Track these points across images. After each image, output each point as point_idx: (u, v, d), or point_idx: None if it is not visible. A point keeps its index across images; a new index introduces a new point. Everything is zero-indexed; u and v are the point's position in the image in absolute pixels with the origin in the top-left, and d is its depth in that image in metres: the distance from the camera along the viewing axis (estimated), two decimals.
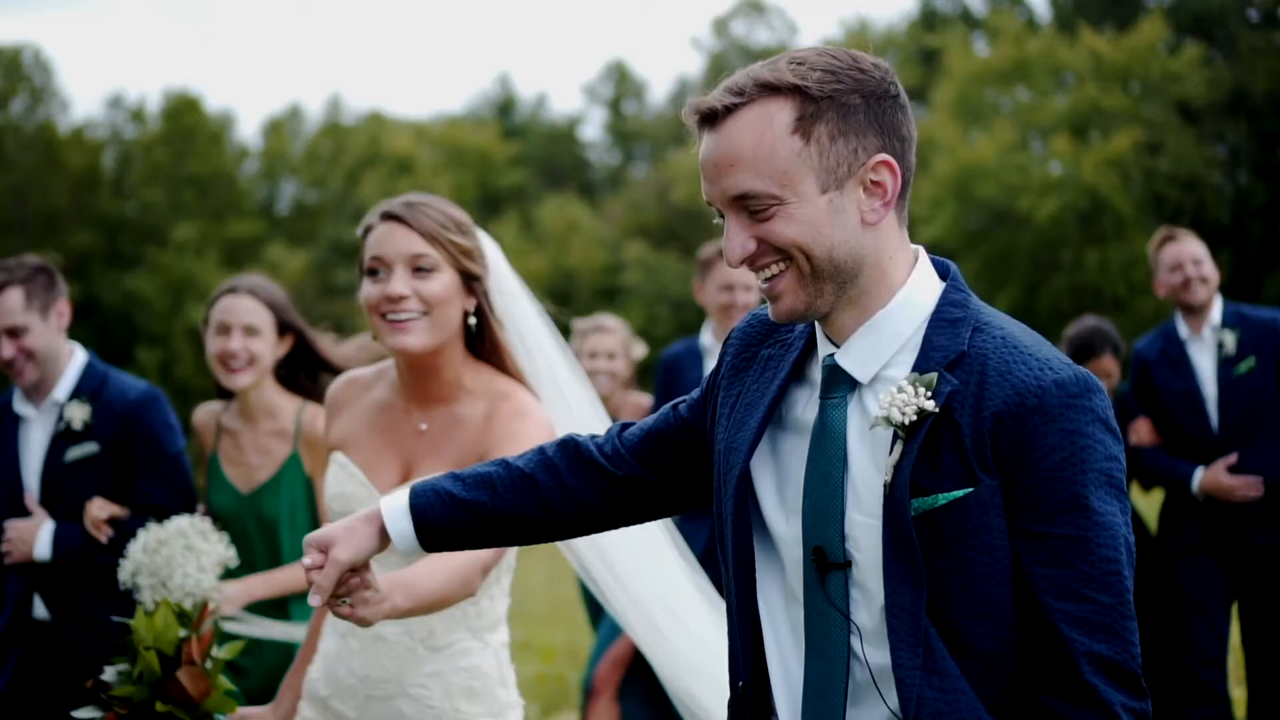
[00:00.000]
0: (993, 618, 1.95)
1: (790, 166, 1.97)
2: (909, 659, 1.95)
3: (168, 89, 43.73)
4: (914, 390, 1.94)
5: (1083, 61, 30.01)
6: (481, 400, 3.06)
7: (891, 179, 2.01)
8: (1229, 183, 30.38)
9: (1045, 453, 1.92)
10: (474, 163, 40.82)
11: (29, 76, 39.91)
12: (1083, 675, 1.91)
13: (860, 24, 39.21)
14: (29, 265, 4.47)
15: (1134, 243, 28.43)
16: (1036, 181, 29.46)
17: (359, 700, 3.09)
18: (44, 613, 4.47)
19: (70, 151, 38.64)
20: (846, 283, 2.02)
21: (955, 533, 1.94)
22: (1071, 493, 1.92)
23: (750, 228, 2.02)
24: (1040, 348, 2.00)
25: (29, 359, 4.43)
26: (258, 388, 4.42)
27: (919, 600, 1.94)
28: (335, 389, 3.27)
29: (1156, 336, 6.20)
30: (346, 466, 3.13)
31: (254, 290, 4.43)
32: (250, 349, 4.36)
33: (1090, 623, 1.91)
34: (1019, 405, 1.92)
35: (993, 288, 30.17)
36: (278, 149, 43.02)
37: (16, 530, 4.40)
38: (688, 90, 43.83)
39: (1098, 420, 1.94)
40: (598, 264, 35.86)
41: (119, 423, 4.46)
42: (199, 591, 3.77)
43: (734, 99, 2.00)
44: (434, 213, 3.04)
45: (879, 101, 2.01)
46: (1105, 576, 1.92)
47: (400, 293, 2.98)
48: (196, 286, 36.77)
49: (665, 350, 6.46)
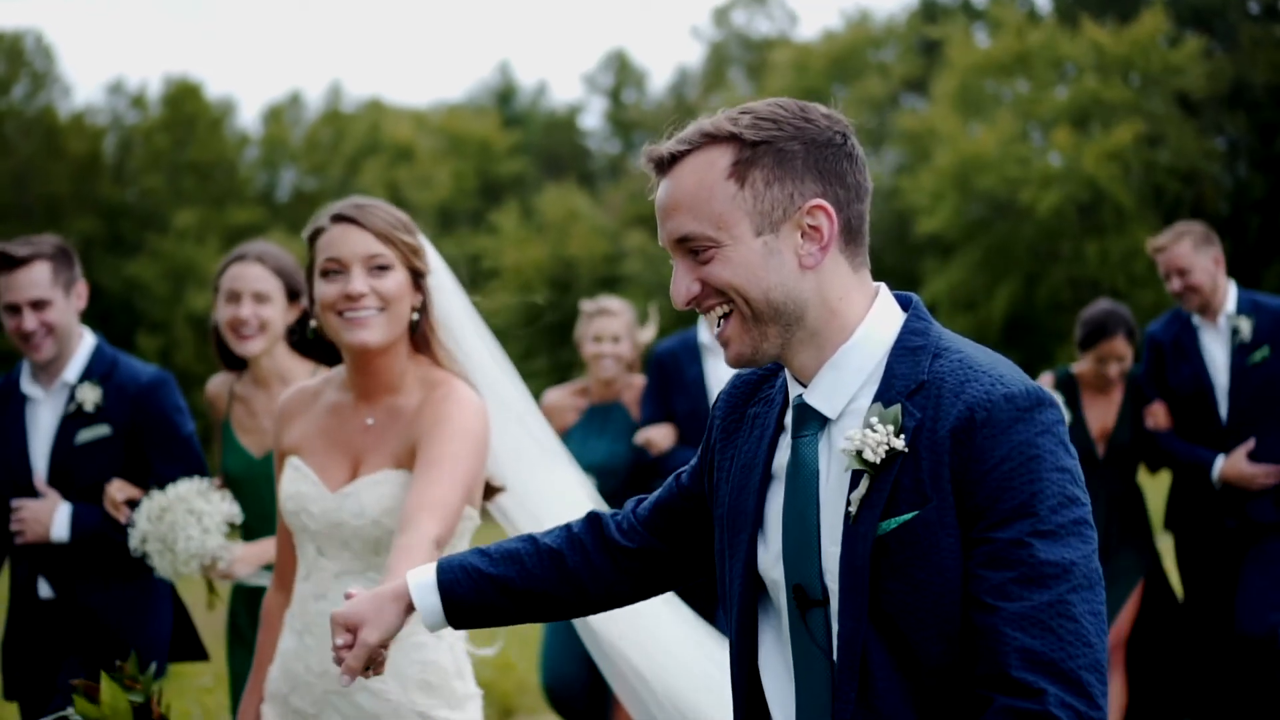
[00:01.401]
0: (951, 636, 1.98)
1: (725, 210, 2.06)
2: (845, 690, 2.00)
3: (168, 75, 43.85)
4: (885, 429, 1.99)
5: (1084, 53, 29.97)
6: (418, 390, 3.17)
7: (828, 223, 2.07)
8: (1228, 175, 30.37)
9: (995, 464, 1.96)
10: (474, 151, 40.75)
11: (30, 62, 39.87)
12: (1011, 670, 1.90)
13: (861, 15, 39.13)
14: (53, 243, 4.50)
15: (1134, 235, 28.43)
16: (1037, 173, 29.44)
17: (316, 695, 3.16)
18: (49, 592, 4.49)
19: (71, 137, 38.62)
20: (791, 325, 2.08)
21: (906, 555, 1.98)
22: (1019, 501, 1.95)
23: (694, 270, 2.10)
24: (996, 366, 2.05)
25: (49, 333, 4.43)
26: (269, 354, 4.45)
27: (859, 632, 1.99)
28: (286, 399, 3.38)
29: (1171, 320, 6.21)
30: (300, 469, 3.22)
31: (262, 257, 4.44)
32: (260, 315, 4.39)
33: (1024, 618, 1.91)
34: (970, 420, 1.97)
35: (993, 279, 30.18)
36: (278, 136, 42.98)
37: (30, 510, 4.41)
38: (688, 80, 43.80)
39: (1047, 432, 1.98)
40: (598, 253, 35.83)
41: (131, 405, 4.48)
42: (204, 553, 3.85)
43: (680, 147, 2.11)
44: (384, 214, 3.17)
45: (821, 149, 2.09)
46: (1044, 578, 1.92)
47: (360, 290, 3.09)
48: (197, 273, 36.77)
49: (659, 345, 6.45)
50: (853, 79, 36.80)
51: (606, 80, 45.46)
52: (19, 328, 4.43)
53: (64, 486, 4.46)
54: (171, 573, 3.92)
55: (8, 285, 4.42)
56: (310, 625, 3.17)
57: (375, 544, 3.12)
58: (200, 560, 3.85)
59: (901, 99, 36.47)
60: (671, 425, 6.12)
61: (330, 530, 3.15)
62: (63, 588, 4.47)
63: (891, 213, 33.52)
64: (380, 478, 3.12)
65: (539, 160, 42.53)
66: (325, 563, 3.18)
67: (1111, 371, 6.22)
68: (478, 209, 39.26)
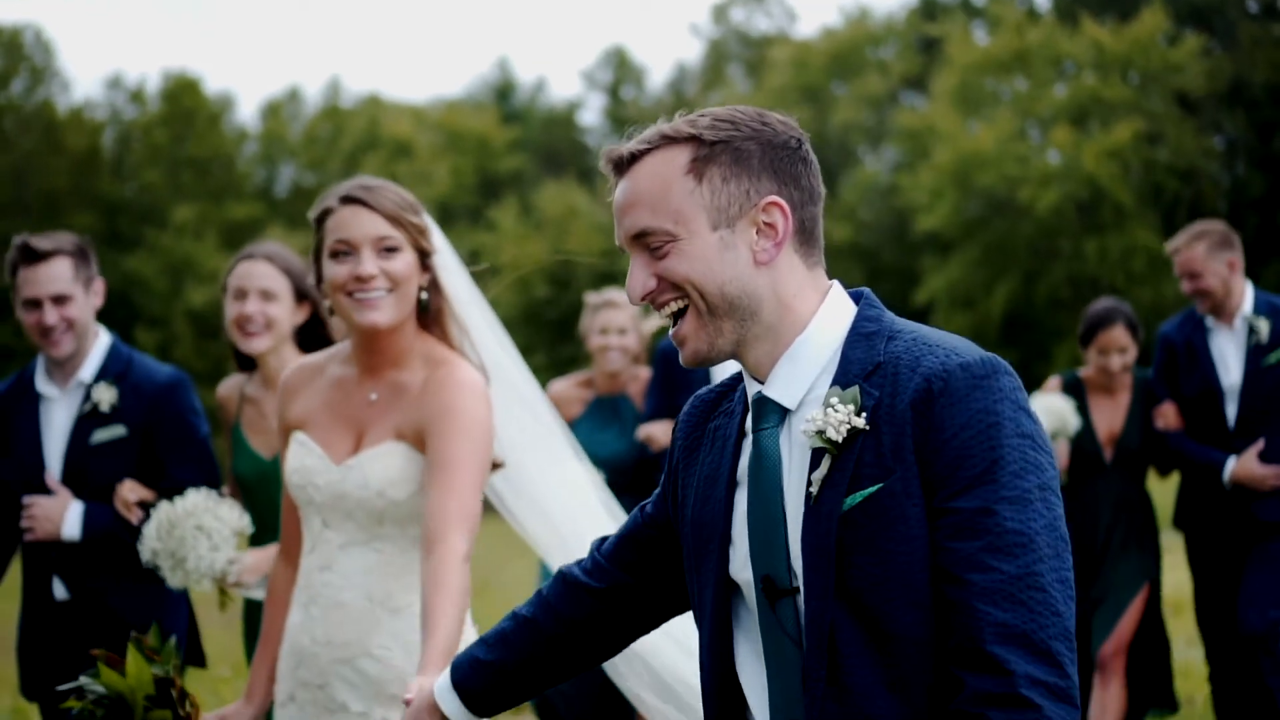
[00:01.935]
0: (920, 605, 1.99)
1: (683, 204, 2.10)
2: (815, 668, 2.02)
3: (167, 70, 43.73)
4: (846, 409, 2.02)
5: (1083, 52, 29.99)
6: (422, 368, 3.21)
7: (783, 220, 2.12)
8: (1226, 174, 30.40)
9: (954, 432, 1.98)
10: (473, 147, 40.74)
11: (29, 56, 39.84)
12: (984, 643, 1.92)
13: (860, 12, 39.09)
14: (75, 240, 4.46)
15: (1133, 233, 28.46)
16: (1036, 171, 29.46)
17: (322, 665, 3.19)
18: (63, 593, 4.46)
19: (70, 132, 38.59)
20: (746, 319, 2.12)
21: (873, 527, 1.99)
22: (980, 469, 1.97)
23: (650, 265, 2.14)
24: (949, 340, 2.08)
25: (69, 329, 4.39)
26: (277, 354, 4.38)
27: (824, 612, 2.01)
28: (289, 374, 3.40)
29: (1184, 321, 6.17)
30: (305, 443, 3.26)
31: (271, 256, 4.41)
32: (266, 313, 4.33)
33: (995, 592, 1.93)
34: (927, 391, 2.00)
35: (992, 277, 30.19)
36: (277, 131, 42.96)
37: (41, 507, 4.38)
38: (687, 77, 43.80)
39: (1007, 398, 2.00)
40: (597, 249, 35.82)
41: (148, 406, 4.44)
42: (214, 571, 3.81)
43: (640, 146, 2.15)
44: (392, 195, 3.19)
45: (777, 150, 2.13)
46: (1011, 547, 1.94)
47: (370, 272, 3.12)
48: (196, 268, 36.76)
49: (664, 340, 6.44)
50: (852, 76, 36.81)
51: (605, 77, 45.47)
52: (39, 322, 4.38)
53: (78, 486, 4.42)
54: (183, 586, 3.90)
55: (29, 279, 4.38)
56: (315, 596, 3.21)
57: (380, 515, 3.16)
58: (210, 577, 3.83)
59: (901, 96, 36.48)
60: (674, 421, 6.10)
61: (335, 502, 3.19)
62: (77, 588, 4.44)
63: (890, 210, 33.54)
64: (384, 449, 3.16)
65: (538, 157, 42.53)
66: (330, 534, 3.21)
67: (1114, 364, 6.21)
68: (477, 205, 39.25)
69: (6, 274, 4.48)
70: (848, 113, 36.14)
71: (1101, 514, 6.22)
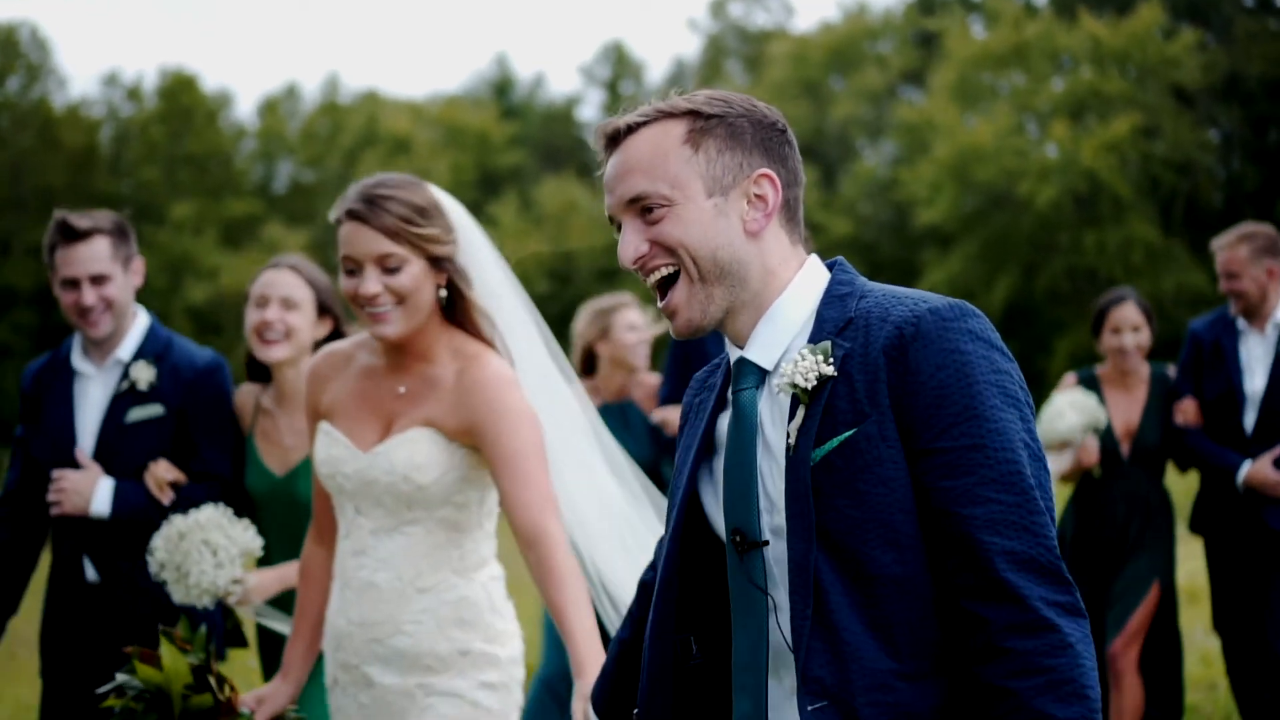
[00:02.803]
0: (897, 544, 2.05)
1: (680, 171, 2.19)
2: (800, 608, 2.08)
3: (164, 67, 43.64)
4: (814, 358, 2.10)
5: (1080, 46, 30.01)
6: (451, 360, 3.27)
7: (773, 192, 2.21)
8: (1222, 167, 30.42)
9: (930, 373, 2.05)
10: (472, 143, 40.73)
11: (26, 54, 39.80)
12: (998, 572, 1.99)
13: (858, 7, 39.12)
14: (113, 218, 4.39)
15: (1131, 225, 28.48)
16: (1034, 165, 29.48)
17: (358, 645, 3.30)
18: (94, 575, 4.39)
19: (67, 129, 38.55)
20: (735, 286, 2.20)
21: (850, 470, 2.06)
22: (961, 405, 2.04)
23: (644, 230, 2.22)
24: (919, 293, 2.16)
25: (108, 309, 4.34)
26: (294, 367, 4.29)
27: (808, 554, 2.07)
28: (316, 362, 3.45)
29: (1216, 320, 6.14)
30: (331, 433, 3.33)
31: (296, 267, 4.34)
32: (287, 321, 4.25)
33: (999, 521, 2.01)
34: (899, 337, 2.07)
35: (991, 270, 30.22)
36: (274, 128, 42.94)
37: (70, 481, 4.30)
38: (685, 72, 43.79)
39: (978, 338, 2.08)
40: (597, 244, 35.84)
41: (186, 388, 4.39)
42: (215, 589, 3.74)
43: (637, 119, 2.24)
44: (395, 206, 3.18)
45: (766, 130, 2.24)
46: (1006, 477, 2.02)
47: (373, 291, 3.17)
48: (194, 266, 36.74)
49: None
50: (850, 71, 36.83)
51: (604, 72, 45.48)
52: (77, 302, 4.33)
53: (110, 465, 4.35)
54: (184, 601, 3.80)
55: (67, 259, 4.31)
56: (350, 580, 3.30)
57: (407, 499, 3.24)
58: (212, 594, 3.75)
59: (899, 91, 36.49)
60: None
61: (363, 489, 3.27)
62: (107, 570, 4.38)
63: (890, 204, 33.55)
64: (410, 435, 3.23)
65: (537, 152, 42.52)
66: (362, 520, 3.30)
67: (1126, 341, 6.22)
68: (476, 201, 39.19)
69: (45, 254, 4.41)
70: (846, 107, 36.15)
71: (1118, 510, 6.21)
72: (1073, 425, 6.11)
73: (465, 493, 3.28)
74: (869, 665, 2.03)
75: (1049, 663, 1.96)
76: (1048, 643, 1.97)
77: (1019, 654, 1.97)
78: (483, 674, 3.30)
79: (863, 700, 2.02)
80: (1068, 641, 1.97)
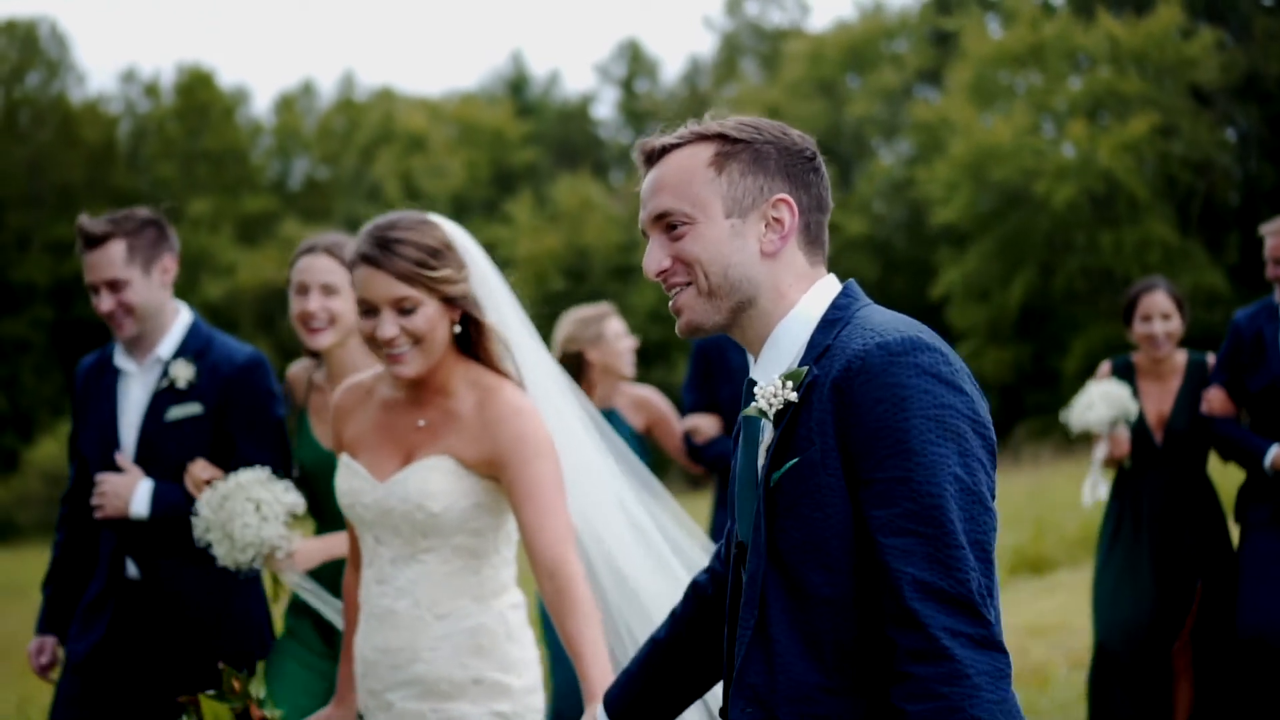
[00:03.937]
0: (829, 568, 2.18)
1: (703, 191, 2.33)
2: (746, 619, 2.25)
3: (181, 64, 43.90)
4: (782, 385, 2.23)
5: (1098, 45, 29.92)
6: (469, 392, 3.32)
7: (790, 216, 2.33)
8: (1239, 167, 30.30)
9: (870, 406, 2.14)
10: (487, 140, 40.78)
11: (44, 50, 40.00)
12: (906, 600, 2.08)
13: (875, 5, 39.06)
14: (137, 218, 4.35)
15: (1148, 226, 28.39)
16: (1051, 164, 29.41)
17: (381, 673, 3.35)
18: (135, 572, 4.39)
19: (85, 126, 38.74)
20: (743, 302, 2.34)
21: (795, 494, 2.20)
22: (894, 439, 2.12)
23: (667, 245, 2.36)
24: (891, 323, 2.23)
25: (128, 314, 4.32)
26: (343, 346, 4.32)
27: (760, 568, 2.23)
28: (340, 396, 3.50)
29: (1259, 311, 6.05)
30: (350, 465, 3.39)
31: (331, 249, 4.31)
32: (329, 308, 4.26)
33: (913, 552, 2.09)
34: (848, 371, 2.17)
35: (1008, 269, 30.16)
36: (290, 125, 43.07)
37: (111, 485, 4.31)
38: (700, 70, 43.78)
39: (924, 373, 2.14)
40: (612, 242, 35.87)
41: (225, 385, 4.38)
42: (261, 541, 3.77)
43: (673, 140, 2.39)
44: (408, 250, 3.21)
45: (792, 157, 2.36)
46: (927, 510, 2.09)
47: (390, 335, 3.22)
48: (210, 261, 36.86)
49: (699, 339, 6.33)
50: (866, 70, 36.77)
51: (619, 70, 45.47)
52: (99, 308, 4.35)
53: (151, 463, 4.36)
54: (230, 562, 3.84)
55: (86, 265, 4.32)
56: (372, 609, 3.36)
57: (422, 528, 3.28)
58: (257, 549, 3.78)
59: (915, 90, 36.43)
60: (717, 414, 6.08)
61: (381, 518, 3.31)
62: (148, 568, 4.39)
63: (906, 203, 33.51)
64: (426, 464, 3.27)
65: (552, 150, 42.55)
66: (382, 550, 3.35)
67: (1157, 329, 6.19)
68: (491, 198, 39.29)
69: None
70: (862, 106, 36.10)
71: (1157, 501, 6.16)
72: (1101, 417, 6.11)
73: (480, 519, 3.30)
74: (796, 677, 2.18)
75: (942, 690, 2.04)
76: (944, 671, 2.05)
77: (917, 679, 2.06)
78: (495, 703, 3.32)
79: (786, 710, 2.17)
80: (964, 672, 2.04)
